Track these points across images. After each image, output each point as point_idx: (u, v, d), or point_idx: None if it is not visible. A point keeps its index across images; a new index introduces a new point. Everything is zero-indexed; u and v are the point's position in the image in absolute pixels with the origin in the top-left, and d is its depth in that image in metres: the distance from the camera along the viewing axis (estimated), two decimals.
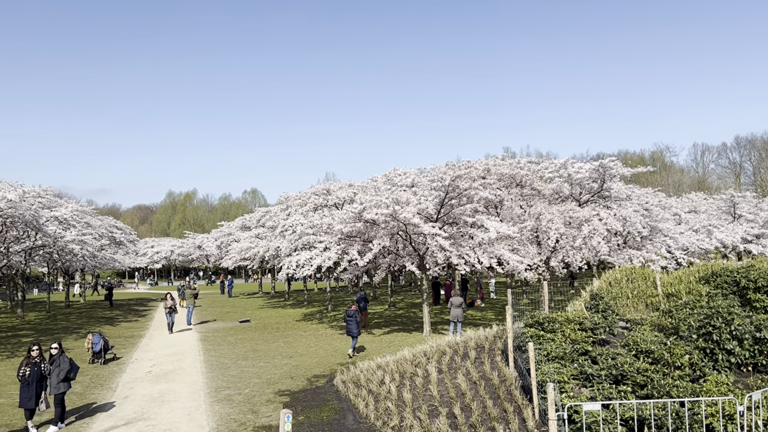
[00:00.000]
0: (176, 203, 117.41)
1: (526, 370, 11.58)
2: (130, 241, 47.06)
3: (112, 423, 12.09)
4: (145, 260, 76.39)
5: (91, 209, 40.68)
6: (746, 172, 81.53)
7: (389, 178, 30.54)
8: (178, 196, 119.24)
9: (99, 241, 37.09)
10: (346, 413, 11.98)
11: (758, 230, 33.71)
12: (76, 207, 35.28)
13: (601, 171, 22.78)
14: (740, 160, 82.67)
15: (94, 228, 36.87)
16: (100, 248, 39.04)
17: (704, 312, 12.57)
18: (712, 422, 9.33)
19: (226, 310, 35.89)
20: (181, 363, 18.46)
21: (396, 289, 50.01)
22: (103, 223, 41.84)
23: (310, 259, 23.55)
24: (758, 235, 33.87)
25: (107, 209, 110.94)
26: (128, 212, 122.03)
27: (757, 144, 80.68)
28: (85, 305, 41.06)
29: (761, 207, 37.90)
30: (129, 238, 46.14)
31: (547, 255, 23.07)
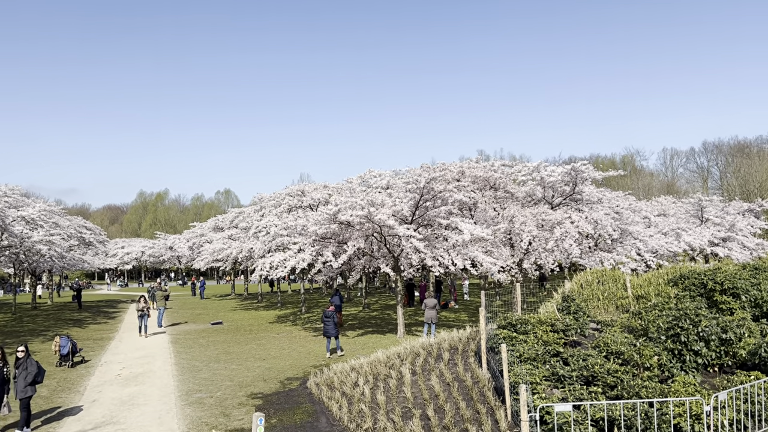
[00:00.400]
0: (147, 203, 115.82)
1: (499, 372, 11.67)
2: (100, 241, 46.22)
3: (80, 427, 11.85)
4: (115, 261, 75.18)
5: (60, 209, 39.82)
6: (713, 176, 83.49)
7: (364, 179, 30.52)
8: (149, 196, 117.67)
9: (68, 241, 36.36)
10: (319, 416, 11.92)
11: (724, 233, 34.49)
12: (44, 207, 34.54)
13: (573, 174, 23.09)
14: (707, 165, 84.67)
15: (63, 228, 36.13)
16: (68, 249, 38.29)
17: (672, 314, 12.81)
18: (680, 422, 9.51)
19: (198, 312, 35.48)
20: (152, 366, 18.19)
21: (370, 290, 49.98)
22: (72, 224, 41.01)
23: (284, 260, 23.40)
24: (724, 238, 34.64)
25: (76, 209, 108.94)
26: (98, 212, 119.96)
27: (723, 149, 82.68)
28: (53, 307, 40.21)
29: (727, 211, 38.80)
30: (98, 238, 45.31)
31: (520, 257, 23.28)
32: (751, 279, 15.98)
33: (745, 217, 38.31)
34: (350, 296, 43.57)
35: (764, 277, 16.16)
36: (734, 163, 77.36)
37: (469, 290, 40.26)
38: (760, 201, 40.94)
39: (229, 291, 55.25)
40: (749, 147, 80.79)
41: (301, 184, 32.34)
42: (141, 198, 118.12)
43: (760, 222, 39.31)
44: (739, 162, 75.88)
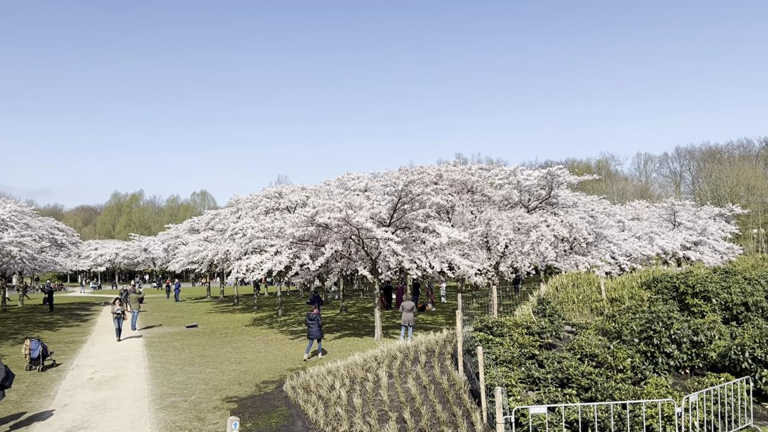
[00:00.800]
0: (122, 204, 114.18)
1: (475, 374, 11.73)
2: (72, 243, 45.44)
3: None
4: (88, 263, 73.93)
5: (32, 210, 39.05)
6: (686, 181, 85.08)
7: (342, 182, 30.48)
8: (123, 197, 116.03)
9: (39, 243, 35.67)
10: (295, 419, 11.85)
11: (696, 237, 35.13)
12: (15, 207, 33.84)
13: (549, 178, 23.30)
14: (680, 170, 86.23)
15: (34, 229, 35.44)
16: (40, 250, 37.57)
17: (645, 317, 13.00)
18: (652, 423, 9.65)
19: (173, 315, 35.05)
20: (125, 369, 17.92)
21: (348, 293, 49.87)
22: (44, 225, 40.26)
23: (260, 263, 23.25)
24: (696, 242, 35.29)
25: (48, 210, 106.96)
26: (71, 213, 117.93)
27: (696, 155, 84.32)
28: (23, 309, 39.41)
29: (699, 215, 39.53)
30: (71, 240, 44.54)
31: (496, 260, 23.43)
32: (721, 282, 16.31)
33: (716, 222, 39.10)
34: (327, 299, 43.42)
35: (734, 281, 16.51)
36: (706, 169, 78.96)
37: (447, 293, 40.41)
38: (730, 206, 41.85)
39: (205, 293, 54.71)
40: (720, 153, 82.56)
41: (279, 186, 32.18)
42: (115, 199, 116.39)
43: (730, 226, 40.15)
44: (710, 167, 77.46)
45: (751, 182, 70.42)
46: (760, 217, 68.90)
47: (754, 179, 71.15)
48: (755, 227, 69.69)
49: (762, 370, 11.44)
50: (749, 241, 67.44)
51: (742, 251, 41.50)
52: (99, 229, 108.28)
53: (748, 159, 79.77)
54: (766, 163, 78.44)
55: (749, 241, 67.44)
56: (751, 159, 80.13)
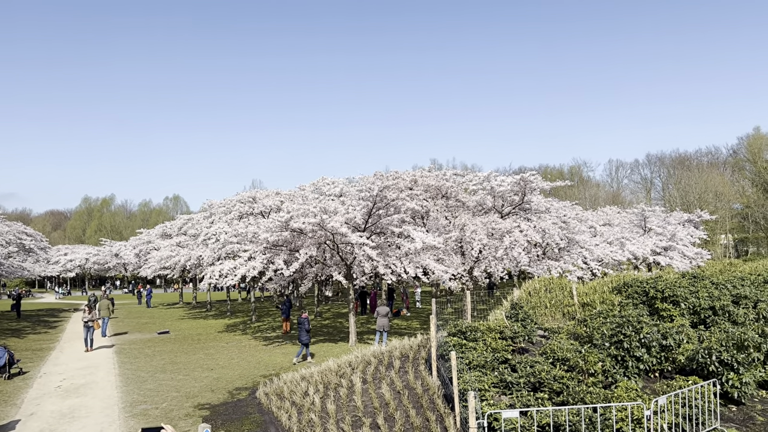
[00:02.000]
0: (92, 209, 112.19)
1: (448, 379, 11.76)
2: (41, 248, 44.50)
3: None
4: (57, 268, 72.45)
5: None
6: (656, 187, 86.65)
7: (317, 187, 30.39)
8: (94, 202, 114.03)
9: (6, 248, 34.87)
10: (268, 426, 11.76)
11: (666, 243, 35.76)
12: None
13: (522, 184, 23.56)
14: (651, 176, 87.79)
15: (1, 234, 34.65)
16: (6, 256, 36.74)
17: (616, 321, 13.19)
18: (622, 426, 9.78)
19: (144, 321, 34.52)
20: (94, 377, 17.58)
21: (322, 299, 49.68)
22: (11, 229, 39.37)
23: (234, 268, 23.04)
24: (666, 247, 35.92)
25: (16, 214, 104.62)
26: (40, 218, 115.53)
27: (666, 161, 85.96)
28: None
29: (669, 221, 40.25)
30: (39, 245, 43.61)
31: (470, 265, 23.58)
32: (690, 287, 16.63)
33: (685, 227, 39.85)
34: (302, 304, 43.19)
35: (702, 286, 16.85)
36: (675, 175, 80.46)
37: (421, 298, 40.52)
38: (699, 212, 42.68)
39: (177, 300, 53.99)
40: (689, 160, 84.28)
41: (253, 191, 31.94)
42: (86, 203, 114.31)
43: (698, 232, 40.95)
44: (679, 174, 78.96)
45: (718, 189, 71.93)
46: (727, 222, 70.41)
47: (721, 186, 72.71)
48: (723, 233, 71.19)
49: (728, 373, 11.67)
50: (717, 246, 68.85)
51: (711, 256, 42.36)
52: (69, 234, 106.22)
53: (716, 166, 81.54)
54: (733, 171, 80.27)
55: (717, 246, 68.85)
56: (719, 166, 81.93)
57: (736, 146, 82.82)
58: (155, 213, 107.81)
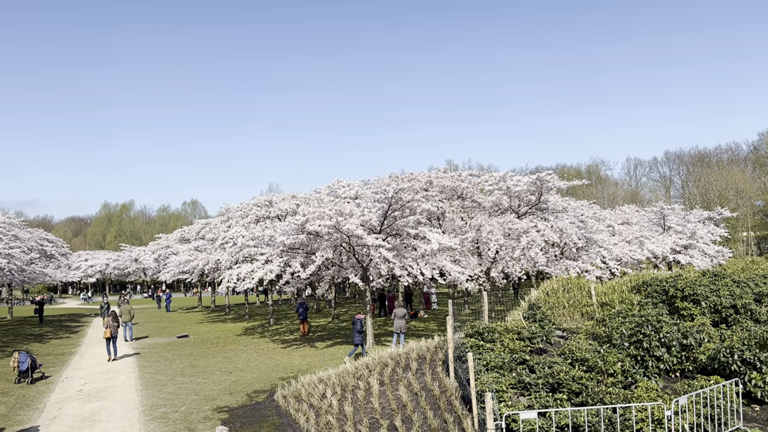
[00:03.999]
0: (112, 215, 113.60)
1: (466, 380, 11.71)
2: (62, 254, 45.14)
3: None
4: (78, 274, 73.41)
5: (20, 221, 38.80)
6: (675, 185, 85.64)
7: (333, 189, 30.45)
8: (114, 208, 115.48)
9: (28, 254, 35.39)
10: (286, 428, 11.80)
11: (686, 241, 35.32)
12: (3, 219, 33.62)
13: (538, 184, 23.41)
14: (670, 174, 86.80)
15: (23, 241, 35.18)
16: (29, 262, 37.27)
17: (635, 320, 13.04)
18: (642, 427, 9.66)
19: (164, 326, 34.84)
20: (115, 381, 17.77)
21: (340, 301, 49.77)
22: (33, 236, 39.97)
23: (251, 272, 23.17)
24: (686, 245, 35.48)
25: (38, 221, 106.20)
26: (61, 224, 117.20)
27: (685, 159, 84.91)
28: (12, 322, 39.04)
29: (688, 219, 39.76)
30: (61, 251, 44.24)
31: (487, 266, 23.47)
32: (710, 285, 16.39)
33: (706, 225, 39.33)
34: (319, 307, 43.31)
35: (723, 284, 16.60)
36: (695, 173, 79.50)
37: (438, 299, 40.42)
38: (719, 209, 42.08)
39: (196, 303, 54.44)
40: (709, 157, 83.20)
41: (269, 195, 32.09)
42: (105, 209, 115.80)
43: (719, 230, 40.39)
44: (699, 171, 78.01)
45: (739, 186, 70.95)
46: (749, 220, 69.41)
47: (742, 183, 71.71)
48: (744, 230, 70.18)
49: (751, 372, 11.48)
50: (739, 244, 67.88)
51: (732, 254, 41.77)
52: (89, 240, 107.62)
53: (737, 163, 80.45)
54: (754, 167, 79.12)
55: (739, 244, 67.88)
56: (740, 163, 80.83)
57: (757, 142, 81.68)
58: (174, 218, 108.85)
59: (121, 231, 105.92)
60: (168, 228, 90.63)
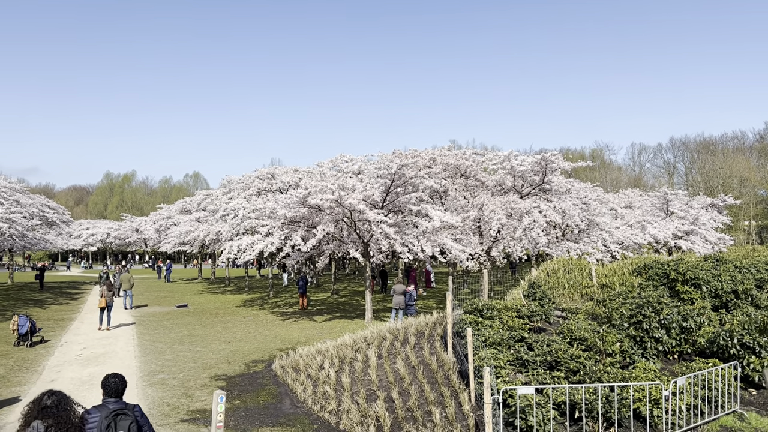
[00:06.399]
0: (114, 185, 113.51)
1: (464, 356, 11.72)
2: (64, 221, 45.10)
3: None
4: (79, 242, 73.56)
5: (22, 186, 38.70)
6: (679, 172, 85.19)
7: (336, 164, 30.30)
8: (116, 178, 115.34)
9: (29, 220, 35.38)
10: (283, 397, 11.83)
11: (688, 227, 35.21)
12: (5, 184, 33.55)
13: (542, 164, 23.26)
14: (674, 161, 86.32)
15: (24, 206, 35.14)
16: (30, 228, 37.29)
17: (636, 302, 13.00)
18: (639, 406, 9.67)
19: (163, 295, 34.95)
20: (114, 347, 17.84)
21: (340, 277, 49.88)
22: (35, 202, 39.91)
23: (252, 244, 23.15)
24: (688, 231, 35.38)
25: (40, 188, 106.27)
26: (63, 193, 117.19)
27: (690, 146, 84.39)
28: (13, 287, 39.19)
29: (691, 205, 39.60)
30: (62, 218, 44.18)
31: (488, 245, 23.42)
32: (712, 270, 16.33)
33: (709, 212, 39.19)
34: (319, 282, 43.41)
35: (724, 269, 16.53)
36: (699, 160, 79.06)
37: (436, 278, 40.47)
38: (723, 196, 41.88)
39: (196, 275, 54.61)
40: (714, 144, 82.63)
41: (271, 168, 31.94)
42: (107, 179, 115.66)
43: (722, 217, 40.26)
44: (704, 159, 77.57)
45: (744, 174, 70.59)
46: (751, 208, 69.19)
47: (747, 171, 71.33)
48: (747, 219, 69.99)
49: (750, 356, 11.47)
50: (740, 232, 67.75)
51: (733, 242, 41.65)
52: (91, 209, 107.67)
53: (742, 151, 79.90)
54: (759, 156, 78.62)
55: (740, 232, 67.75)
56: (745, 151, 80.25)
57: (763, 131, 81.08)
58: (176, 190, 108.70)
59: (123, 201, 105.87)
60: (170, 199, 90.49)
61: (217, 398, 6.91)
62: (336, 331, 20.04)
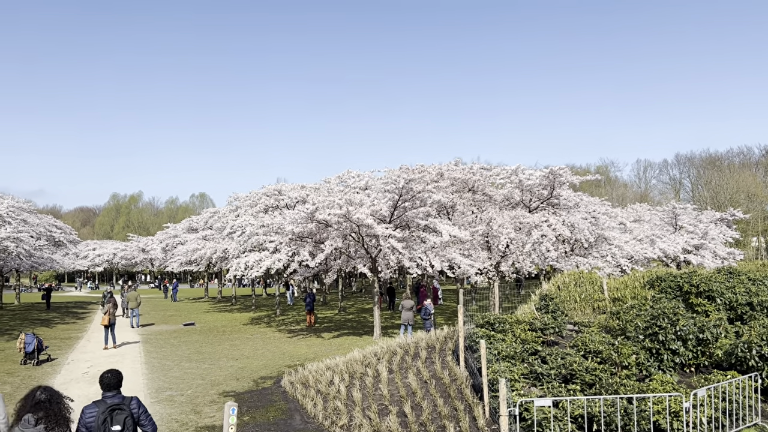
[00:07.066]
0: (120, 206, 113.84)
1: (477, 369, 11.51)
2: (71, 241, 45.09)
3: None
4: (86, 263, 73.55)
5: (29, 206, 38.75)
6: (685, 188, 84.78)
7: (343, 179, 30.26)
8: (122, 199, 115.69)
9: (37, 240, 35.36)
10: (293, 413, 11.63)
11: (698, 241, 34.93)
12: (12, 203, 33.60)
13: (551, 178, 23.14)
14: (680, 177, 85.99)
15: (32, 225, 35.15)
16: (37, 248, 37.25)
17: (651, 313, 12.80)
18: (659, 419, 9.44)
19: (170, 314, 34.80)
20: (121, 364, 17.65)
21: (346, 294, 49.65)
22: (42, 222, 39.94)
23: (259, 260, 23.05)
24: (698, 245, 35.09)
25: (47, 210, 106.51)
26: (69, 214, 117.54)
27: (695, 161, 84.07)
28: (20, 307, 39.11)
29: (700, 219, 39.33)
30: (69, 238, 44.19)
31: (497, 259, 23.24)
32: (726, 282, 16.11)
33: (718, 226, 38.89)
34: (326, 300, 43.18)
35: (738, 281, 16.32)
36: (706, 176, 78.71)
37: (443, 296, 40.20)
38: (731, 210, 41.56)
39: (203, 294, 54.45)
40: (720, 160, 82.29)
41: (278, 184, 31.93)
42: (114, 200, 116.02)
43: (731, 231, 39.94)
44: (710, 174, 77.24)
45: (751, 189, 70.23)
46: (759, 224, 68.72)
47: (754, 187, 70.97)
48: (755, 234, 69.50)
49: None
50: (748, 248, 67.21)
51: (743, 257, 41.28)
52: (97, 230, 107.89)
53: (748, 166, 79.53)
54: (766, 171, 78.27)
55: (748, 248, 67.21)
56: (751, 166, 79.91)
57: None
58: (182, 210, 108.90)
59: (129, 222, 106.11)
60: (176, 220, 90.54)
61: (228, 410, 6.77)
62: (344, 347, 19.82)
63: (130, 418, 6.28)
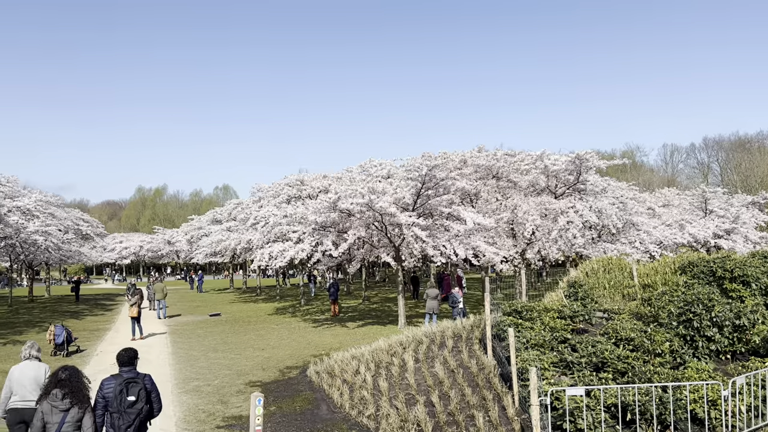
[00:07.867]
0: (146, 199, 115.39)
1: (505, 358, 11.30)
2: (98, 234, 45.78)
3: None
4: (113, 255, 74.71)
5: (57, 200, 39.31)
6: (714, 172, 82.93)
7: (365, 168, 30.09)
8: (148, 192, 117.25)
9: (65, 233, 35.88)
10: (319, 403, 11.55)
11: (729, 225, 34.09)
12: (40, 197, 34.11)
13: (577, 163, 22.68)
14: (708, 161, 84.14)
15: (60, 219, 35.68)
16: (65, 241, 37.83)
17: (684, 299, 12.43)
18: (696, 408, 9.14)
19: (196, 305, 35.11)
20: (148, 355, 17.77)
21: (370, 284, 49.64)
22: (69, 216, 40.57)
23: (283, 251, 23.03)
24: (728, 230, 34.25)
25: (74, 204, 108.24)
26: (96, 208, 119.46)
27: (724, 145, 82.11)
28: (50, 300, 39.81)
29: (731, 203, 38.37)
30: (96, 231, 44.88)
31: (522, 247, 22.90)
32: (761, 266, 15.60)
33: (749, 210, 37.93)
34: (350, 289, 43.20)
35: None
36: (735, 159, 76.84)
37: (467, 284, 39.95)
38: (764, 193, 40.43)
39: (228, 285, 54.91)
40: (750, 142, 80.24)
41: (301, 174, 31.91)
42: (139, 193, 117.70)
43: (763, 215, 38.92)
44: (739, 157, 75.39)
45: None
46: None
47: None
48: None
49: None
50: None
51: None
52: (124, 223, 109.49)
53: None
54: None
55: None
56: None
57: None
58: (206, 202, 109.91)
59: (155, 214, 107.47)
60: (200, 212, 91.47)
61: (254, 400, 6.67)
62: (369, 336, 19.73)
63: (144, 390, 6.96)
